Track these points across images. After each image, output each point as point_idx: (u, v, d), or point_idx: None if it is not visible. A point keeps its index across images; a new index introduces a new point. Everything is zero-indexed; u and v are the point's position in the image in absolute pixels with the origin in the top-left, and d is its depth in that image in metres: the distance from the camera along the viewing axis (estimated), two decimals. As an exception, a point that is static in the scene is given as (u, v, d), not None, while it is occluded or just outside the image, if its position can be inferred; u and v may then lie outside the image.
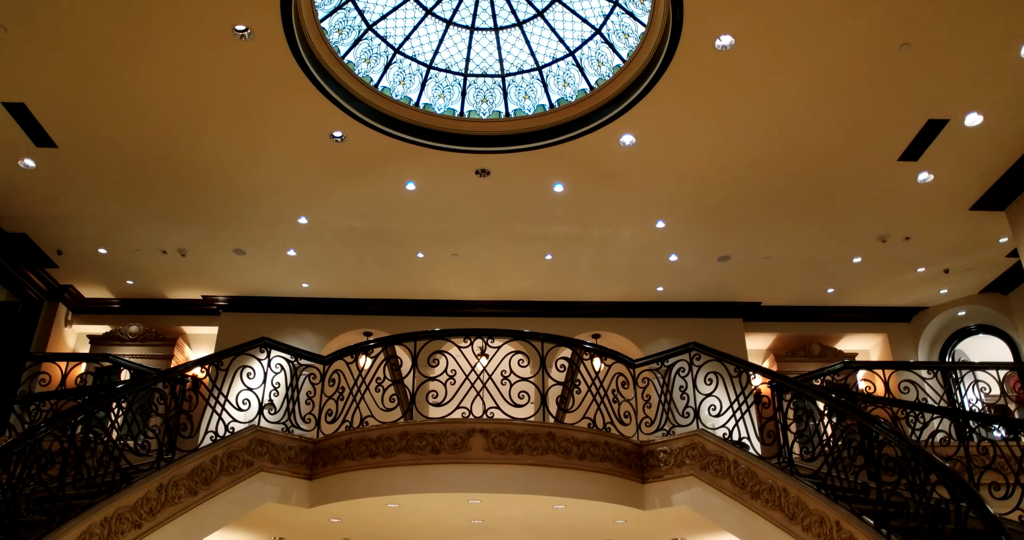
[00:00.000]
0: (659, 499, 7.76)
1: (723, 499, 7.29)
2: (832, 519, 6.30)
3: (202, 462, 7.14)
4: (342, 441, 7.67)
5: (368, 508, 7.76)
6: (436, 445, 7.29)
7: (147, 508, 6.55)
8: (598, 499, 7.42)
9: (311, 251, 11.02)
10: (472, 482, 7.20)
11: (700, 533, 9.04)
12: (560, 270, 11.51)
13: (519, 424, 7.43)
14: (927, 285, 12.23)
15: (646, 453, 8.00)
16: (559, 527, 8.59)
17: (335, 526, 8.54)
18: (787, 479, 6.84)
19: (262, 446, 7.62)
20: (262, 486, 7.51)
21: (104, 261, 11.37)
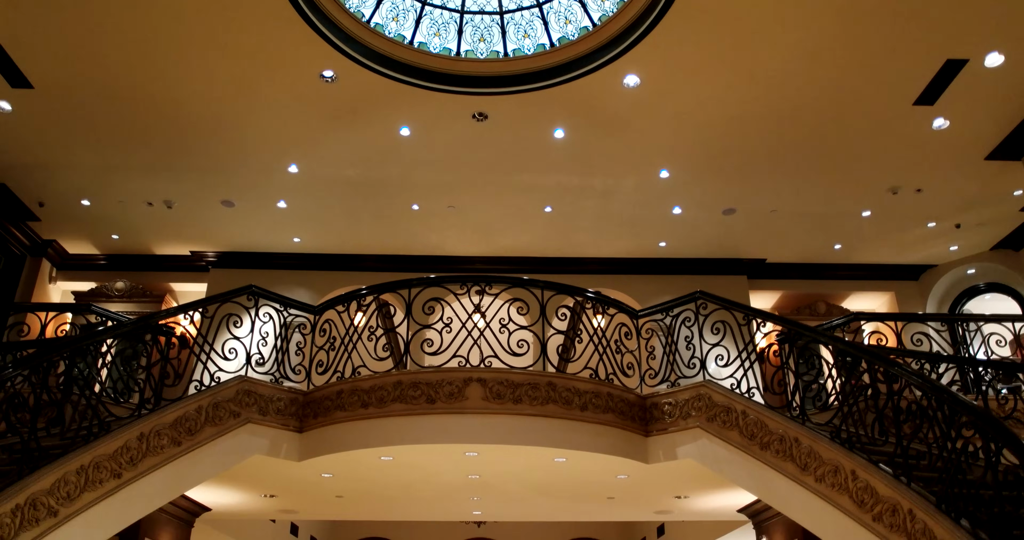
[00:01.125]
0: (663, 452, 7.46)
1: (731, 451, 7.00)
2: (847, 468, 6.00)
3: (186, 412, 6.82)
4: (333, 392, 7.34)
5: (360, 462, 7.45)
6: (431, 395, 6.96)
7: (127, 457, 6.23)
8: (600, 451, 7.11)
9: (302, 203, 10.63)
10: (469, 433, 6.88)
11: (703, 490, 8.77)
12: (560, 223, 11.14)
13: (518, 373, 7.10)
14: (937, 241, 11.89)
15: (650, 405, 7.69)
16: (559, 483, 8.30)
17: (327, 482, 8.23)
18: (799, 428, 6.54)
19: (249, 397, 7.29)
20: (250, 438, 7.19)
21: (88, 214, 10.98)
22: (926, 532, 5.23)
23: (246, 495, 8.99)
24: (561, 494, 8.85)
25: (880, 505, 5.65)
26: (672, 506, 9.57)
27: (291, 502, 9.37)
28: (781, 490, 6.55)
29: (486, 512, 9.98)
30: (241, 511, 9.85)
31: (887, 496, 5.62)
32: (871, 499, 5.74)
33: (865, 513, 5.76)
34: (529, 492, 8.70)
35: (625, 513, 10.13)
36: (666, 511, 9.91)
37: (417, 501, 9.25)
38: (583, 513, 10.26)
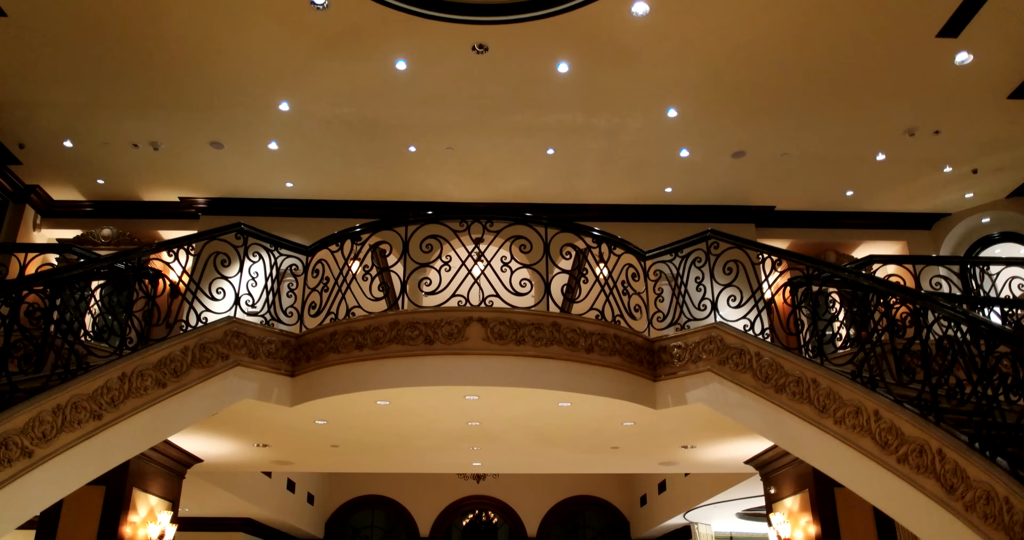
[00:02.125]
0: (672, 397, 7.14)
1: (743, 394, 6.68)
2: (870, 409, 5.68)
3: (171, 352, 6.47)
4: (326, 333, 6.99)
5: (355, 407, 7.12)
6: (430, 335, 6.62)
7: (108, 398, 5.90)
8: (606, 395, 6.78)
9: (294, 144, 10.19)
10: (469, 375, 6.54)
11: (711, 440, 8.47)
12: (562, 167, 10.72)
13: (521, 313, 6.75)
14: (952, 188, 11.50)
15: (658, 349, 7.35)
16: (562, 431, 7.99)
17: (321, 430, 7.92)
18: (817, 369, 6.21)
19: (239, 339, 6.95)
20: (239, 381, 6.86)
21: (71, 157, 10.54)
22: (957, 472, 4.91)
23: (238, 445, 8.68)
24: (564, 444, 8.54)
25: (906, 446, 5.34)
26: (678, 457, 9.28)
27: (285, 452, 9.07)
28: (797, 434, 6.24)
29: (486, 463, 9.69)
30: (234, 462, 9.55)
31: (913, 436, 5.30)
32: (896, 440, 5.42)
33: (889, 455, 5.45)
34: (531, 441, 8.40)
35: (629, 464, 9.84)
36: (671, 462, 9.63)
37: (415, 451, 8.95)
38: (586, 465, 9.97)
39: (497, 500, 18.18)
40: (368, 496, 18.18)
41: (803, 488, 8.41)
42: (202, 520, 13.93)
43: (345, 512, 18.09)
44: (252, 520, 14.30)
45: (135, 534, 8.13)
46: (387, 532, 18.30)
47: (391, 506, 18.16)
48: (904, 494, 5.26)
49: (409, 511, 18.08)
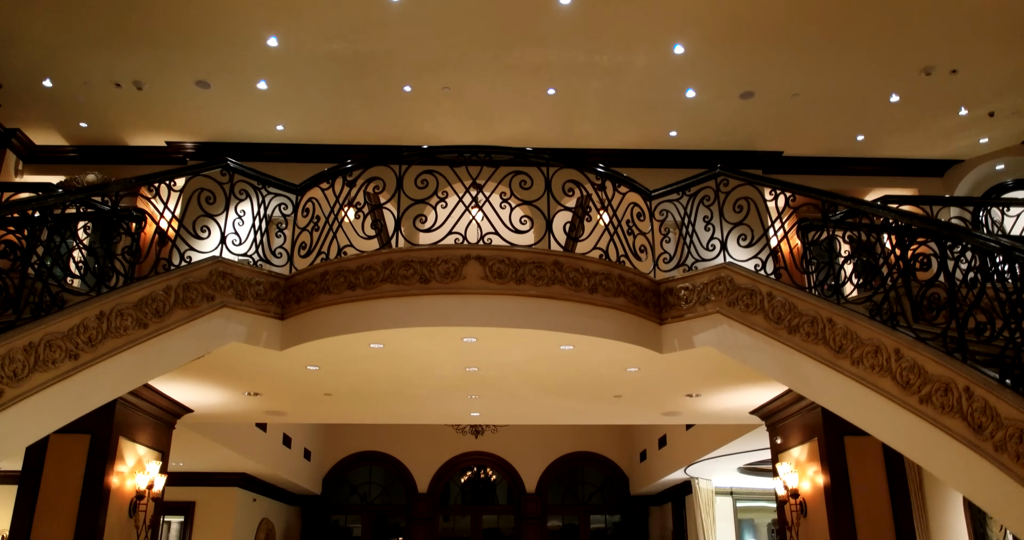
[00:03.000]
0: (679, 341, 6.84)
1: (754, 336, 6.38)
2: (890, 347, 5.37)
3: (152, 291, 6.14)
4: (317, 274, 6.66)
5: (348, 351, 6.82)
6: (425, 274, 6.29)
7: (84, 337, 5.57)
8: (610, 337, 6.48)
9: (284, 84, 9.76)
10: (467, 315, 6.23)
11: (717, 388, 8.20)
12: (563, 109, 10.30)
13: (521, 251, 6.41)
14: (966, 133, 11.09)
15: (664, 291, 7.04)
16: (563, 378, 7.70)
17: (314, 377, 7.63)
18: (833, 308, 5.90)
19: (225, 279, 6.62)
20: (226, 323, 6.54)
21: (52, 98, 10.10)
22: (987, 410, 4.62)
23: (228, 393, 8.40)
24: (565, 392, 8.27)
25: (929, 385, 5.04)
26: (682, 406, 9.02)
27: (277, 401, 8.79)
28: (812, 376, 5.95)
29: (484, 414, 9.43)
30: (225, 413, 9.29)
31: (938, 375, 5.00)
32: (918, 379, 5.13)
33: (911, 395, 5.15)
34: (530, 389, 8.12)
35: (632, 415, 9.59)
36: (675, 412, 9.37)
37: (412, 400, 8.67)
38: (587, 415, 9.71)
39: (496, 456, 18.03)
40: (366, 452, 18.02)
41: (811, 437, 8.15)
42: (197, 475, 13.75)
43: (343, 468, 17.95)
44: (248, 475, 14.13)
45: (123, 484, 7.87)
46: (385, 488, 18.18)
47: (389, 462, 18.01)
48: (927, 436, 4.98)
49: (407, 467, 17.94)
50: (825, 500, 7.82)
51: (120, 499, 7.83)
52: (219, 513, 13.89)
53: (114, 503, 7.71)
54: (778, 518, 8.82)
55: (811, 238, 6.79)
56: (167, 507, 13.85)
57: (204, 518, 13.87)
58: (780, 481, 8.50)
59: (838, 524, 7.59)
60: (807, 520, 8.18)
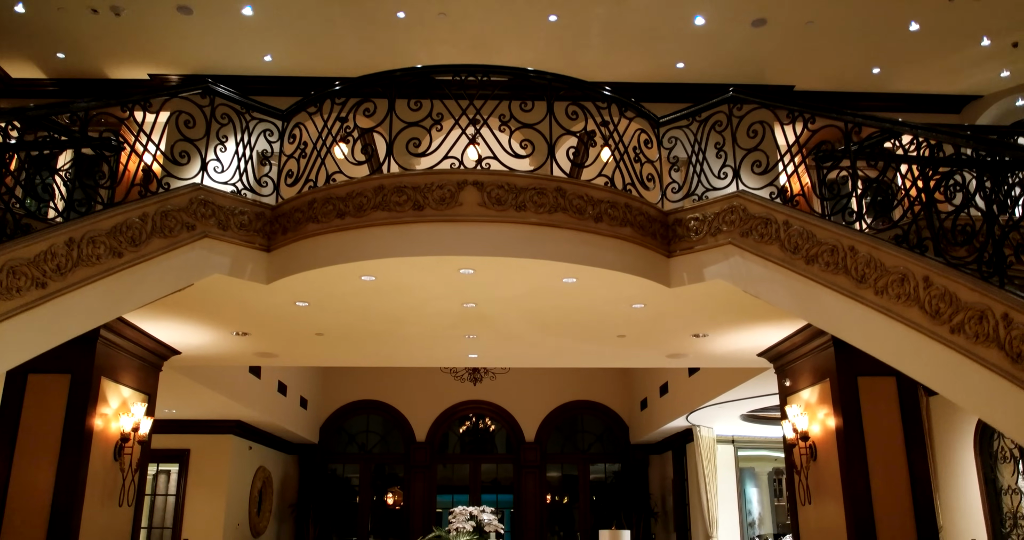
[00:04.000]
0: (688, 274, 6.47)
1: (769, 268, 6.01)
2: (918, 275, 5.00)
3: (127, 219, 5.75)
4: (304, 202, 6.26)
5: (338, 285, 6.45)
6: (419, 201, 5.88)
7: (53, 265, 5.19)
8: (616, 269, 6.10)
9: (271, 9, 9.20)
10: (463, 243, 5.84)
11: (725, 326, 7.86)
12: (566, 37, 9.75)
13: (522, 176, 6.00)
14: (986, 65, 10.57)
15: (673, 222, 6.65)
16: (565, 315, 7.35)
17: (304, 314, 7.27)
18: (855, 235, 5.52)
19: (206, 208, 6.23)
20: (208, 254, 6.17)
21: (25, 24, 9.54)
22: (1029, 337, 4.26)
23: (216, 333, 8.06)
24: (566, 331, 7.92)
25: (961, 313, 4.68)
26: (687, 347, 8.69)
27: (267, 342, 8.45)
28: (831, 308, 5.60)
29: (483, 355, 9.09)
30: (214, 355, 8.95)
31: (972, 302, 4.63)
32: (949, 308, 4.76)
33: (940, 325, 4.80)
34: (531, 328, 7.77)
35: (636, 356, 9.26)
36: (680, 354, 9.05)
37: (407, 341, 8.33)
38: (589, 357, 9.38)
39: (495, 405, 17.81)
40: (363, 401, 17.80)
41: (823, 379, 7.83)
42: (191, 422, 13.53)
43: (340, 416, 17.75)
44: (243, 422, 13.90)
45: (106, 427, 7.56)
46: (383, 437, 18.00)
47: (387, 411, 17.79)
48: (959, 368, 4.64)
49: (405, 416, 17.73)
50: (837, 443, 7.53)
51: (104, 442, 7.53)
52: (214, 461, 13.70)
53: (98, 446, 7.41)
54: (786, 462, 8.55)
55: (824, 174, 6.39)
56: (161, 455, 13.68)
57: (199, 466, 13.67)
58: (789, 424, 8.20)
59: (850, 467, 7.30)
60: (817, 464, 7.90)
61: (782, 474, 16.80)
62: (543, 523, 17.13)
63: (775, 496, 16.89)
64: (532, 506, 17.19)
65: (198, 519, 13.39)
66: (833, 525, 7.52)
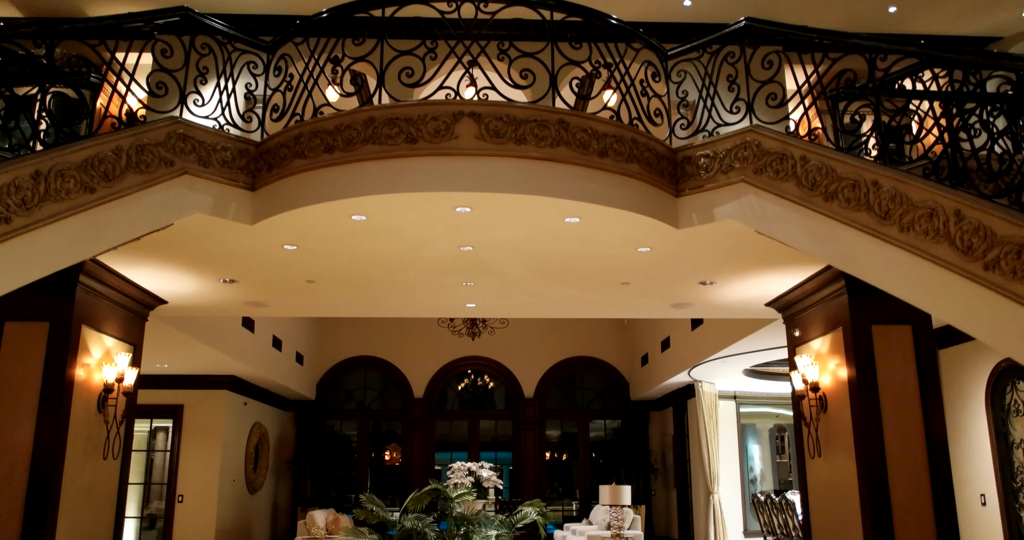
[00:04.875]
0: (697, 214, 6.11)
1: (784, 206, 5.65)
2: (948, 209, 4.64)
3: (100, 152, 5.37)
4: (290, 137, 5.88)
5: (327, 225, 6.09)
6: (412, 133, 5.50)
7: (17, 199, 4.84)
8: (622, 207, 5.74)
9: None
10: (459, 179, 5.47)
11: (734, 273, 7.53)
12: (568, -27, 9.30)
13: (521, 107, 5.62)
14: (1007, 4, 10.11)
15: (682, 160, 6.27)
16: (567, 260, 7.00)
17: (292, 259, 6.92)
18: (879, 168, 5.15)
19: (186, 143, 5.84)
20: (187, 192, 5.80)
21: (0, -40, 9.10)
22: (1073, 271, 3.92)
23: (202, 281, 7.71)
24: (568, 277, 7.58)
25: (997, 249, 4.34)
26: (693, 296, 8.36)
27: (256, 290, 8.11)
28: (852, 247, 5.25)
29: (480, 305, 8.76)
30: (202, 305, 8.61)
31: (1008, 236, 4.30)
32: (982, 243, 4.42)
33: (972, 261, 4.46)
34: (531, 274, 7.43)
35: (639, 306, 8.93)
36: (686, 304, 8.72)
37: (402, 289, 8.00)
38: (591, 306, 9.05)
39: (493, 361, 17.57)
40: (360, 357, 17.56)
41: (835, 327, 7.50)
42: (184, 377, 13.28)
43: (337, 373, 17.52)
44: (237, 377, 13.65)
45: (89, 377, 7.25)
46: (380, 393, 17.80)
47: (384, 367, 17.56)
48: (993, 306, 4.33)
49: (403, 372, 17.50)
50: (849, 394, 7.22)
51: (86, 393, 7.22)
52: (208, 416, 13.47)
53: (80, 397, 7.10)
54: (794, 414, 8.27)
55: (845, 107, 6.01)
56: (154, 410, 13.45)
57: (193, 421, 13.45)
58: (798, 375, 7.90)
59: (863, 419, 7.00)
60: (827, 415, 7.61)
61: (784, 431, 16.60)
62: (542, 480, 16.99)
63: (777, 453, 16.71)
64: (531, 463, 17.04)
65: (193, 475, 13.20)
66: (843, 479, 7.25)
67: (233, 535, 13.80)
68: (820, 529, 7.77)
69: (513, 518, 6.23)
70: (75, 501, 6.96)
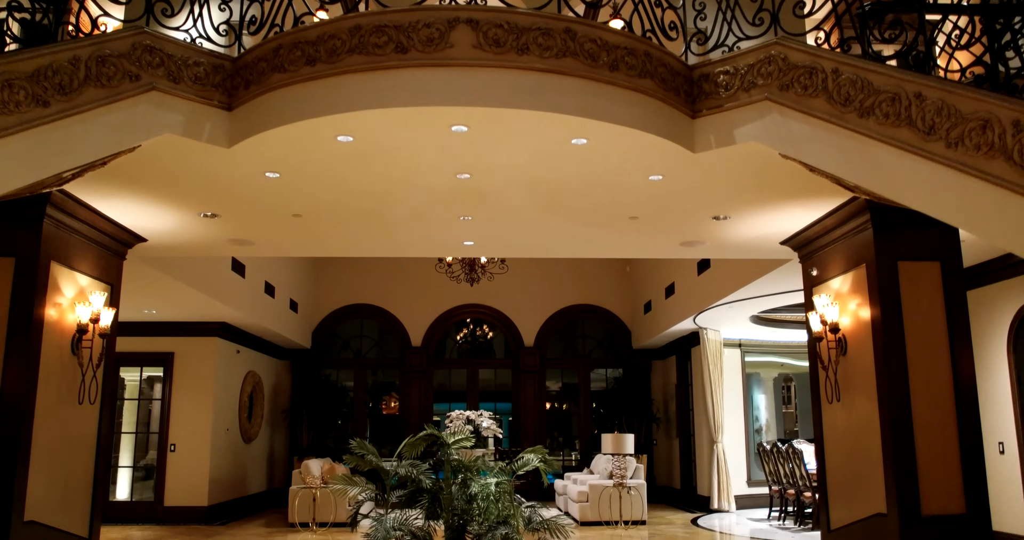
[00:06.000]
0: (715, 136, 5.59)
1: (813, 125, 5.14)
2: (1005, 120, 4.14)
3: (54, 61, 4.84)
4: (269, 49, 5.33)
5: (311, 148, 5.57)
6: (402, 42, 4.96)
7: (-43, 109, 4.28)
8: (633, 126, 5.22)
9: None
10: (455, 92, 4.94)
11: (750, 207, 7.05)
12: None
13: (525, 14, 5.06)
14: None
15: (699, 78, 5.73)
16: (572, 189, 6.50)
17: (275, 188, 6.42)
18: (923, 78, 4.63)
19: (153, 55, 5.30)
20: (156, 111, 5.27)
21: None
22: None
23: (181, 215, 7.22)
24: (573, 211, 7.09)
25: (1063, 162, 3.81)
26: (705, 233, 7.87)
27: (239, 225, 7.61)
28: (890, 167, 4.75)
29: (479, 243, 8.27)
30: (184, 242, 8.12)
31: (1078, 147, 3.77)
32: (1046, 157, 3.89)
33: (1034, 179, 3.94)
34: (533, 206, 6.93)
35: (647, 244, 8.44)
36: (696, 242, 8.23)
37: (394, 225, 7.51)
38: (596, 245, 8.56)
39: (492, 308, 17.14)
40: (357, 305, 17.12)
41: (857, 265, 7.03)
42: (174, 324, 12.85)
43: (333, 321, 17.10)
44: (229, 324, 13.22)
45: (61, 317, 6.79)
46: (377, 342, 17.41)
47: (381, 315, 17.14)
48: (1057, 226, 3.81)
49: (400, 320, 17.08)
50: (872, 335, 6.77)
51: (59, 333, 6.76)
52: (200, 364, 13.06)
53: (51, 338, 6.65)
54: (809, 357, 7.84)
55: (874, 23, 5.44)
56: (144, 358, 13.05)
57: (184, 369, 13.04)
58: (816, 316, 7.44)
59: (887, 361, 6.56)
60: (847, 358, 7.18)
61: (791, 381, 16.27)
62: (542, 430, 16.69)
63: (783, 403, 16.40)
64: (531, 413, 16.71)
65: (185, 424, 12.84)
66: (864, 424, 6.85)
67: (227, 484, 13.50)
68: (836, 477, 7.39)
69: (514, 465, 5.81)
70: (49, 448, 6.55)
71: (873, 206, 6.58)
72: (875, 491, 6.64)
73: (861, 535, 6.86)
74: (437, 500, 5.60)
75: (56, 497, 6.66)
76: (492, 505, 5.43)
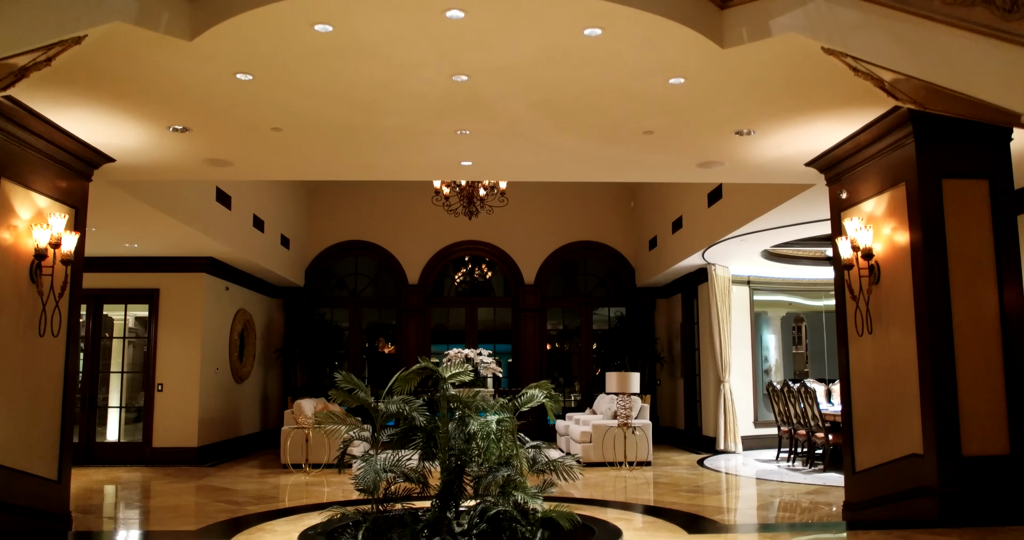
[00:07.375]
0: (748, 28, 4.88)
1: (865, 11, 4.42)
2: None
3: (-24, -72, 4.06)
4: (232, -77, 4.57)
5: (286, 44, 4.86)
6: (386, -92, 4.20)
7: None
8: (654, 11, 4.54)
9: None
10: (449, -34, 4.21)
11: (778, 120, 6.36)
12: None
13: None
14: None
15: (729, -38, 4.97)
16: (582, 97, 5.79)
17: (249, 94, 5.71)
18: (1006, -53, 3.86)
19: (98, -73, 4.52)
20: (103, -6, 4.52)
21: None
22: None
23: (148, 129, 6.53)
24: (583, 123, 6.40)
25: None
26: (724, 152, 7.20)
27: (214, 142, 6.91)
28: (958, 55, 4.05)
29: (478, 162, 7.58)
30: (155, 162, 7.42)
31: None
32: None
33: None
34: (539, 117, 6.23)
35: (661, 165, 7.76)
36: (714, 162, 7.55)
37: (384, 140, 6.82)
38: (606, 165, 7.83)
39: (491, 245, 16.51)
40: (351, 241, 16.48)
41: (895, 184, 6.35)
42: (159, 259, 12.23)
43: (326, 258, 16.48)
44: (216, 259, 12.59)
45: (16, 240, 6.15)
46: (373, 280, 16.81)
47: (376, 252, 16.50)
48: None
49: (396, 257, 16.45)
50: (911, 261, 6.12)
51: (13, 258, 6.12)
52: (187, 300, 12.47)
53: (5, 262, 6.02)
54: (836, 287, 7.22)
55: None
56: (127, 295, 12.45)
57: (170, 306, 12.46)
58: (846, 241, 6.79)
59: (929, 290, 5.92)
60: (880, 287, 6.55)
61: (802, 321, 15.72)
62: (542, 371, 16.19)
63: (792, 343, 15.87)
64: (531, 353, 16.20)
65: (172, 364, 12.31)
66: (899, 359, 6.26)
67: (218, 425, 13.03)
68: (864, 416, 6.83)
69: (517, 401, 5.22)
70: (7, 383, 5.97)
71: (916, 116, 5.89)
72: (910, 431, 6.08)
73: (892, 478, 6.32)
74: (432, 439, 5.04)
75: (16, 436, 6.10)
76: (493, 445, 4.86)
